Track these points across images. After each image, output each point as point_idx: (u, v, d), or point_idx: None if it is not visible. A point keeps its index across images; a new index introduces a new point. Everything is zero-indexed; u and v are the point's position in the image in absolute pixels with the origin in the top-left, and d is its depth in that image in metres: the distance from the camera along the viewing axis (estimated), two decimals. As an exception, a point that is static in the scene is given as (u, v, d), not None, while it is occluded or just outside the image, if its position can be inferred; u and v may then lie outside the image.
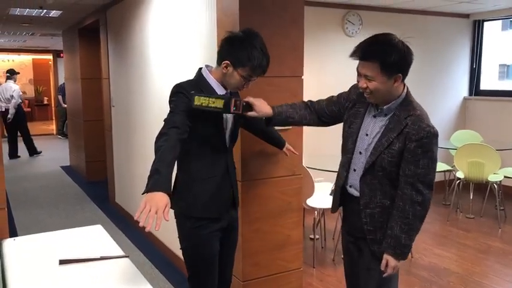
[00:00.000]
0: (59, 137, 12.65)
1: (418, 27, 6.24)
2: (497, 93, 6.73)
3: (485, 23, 6.70)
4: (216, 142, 2.21)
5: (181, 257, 3.87)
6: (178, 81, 2.22)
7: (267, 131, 2.63)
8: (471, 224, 5.15)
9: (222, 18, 2.91)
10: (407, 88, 2.05)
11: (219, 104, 2.08)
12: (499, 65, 10.10)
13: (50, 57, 14.43)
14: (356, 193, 2.13)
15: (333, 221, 4.72)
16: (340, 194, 2.21)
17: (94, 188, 6.82)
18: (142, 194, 1.77)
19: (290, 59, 2.91)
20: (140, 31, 4.49)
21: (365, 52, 1.92)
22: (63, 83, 11.98)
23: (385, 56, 1.88)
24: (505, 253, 4.33)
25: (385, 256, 2.03)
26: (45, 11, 6.06)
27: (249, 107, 2.18)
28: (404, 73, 1.96)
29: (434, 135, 1.94)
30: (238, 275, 2.92)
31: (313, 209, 4.04)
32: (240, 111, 2.14)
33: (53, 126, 14.20)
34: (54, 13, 6.25)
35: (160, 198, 1.71)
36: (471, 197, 5.37)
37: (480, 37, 6.72)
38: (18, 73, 10.37)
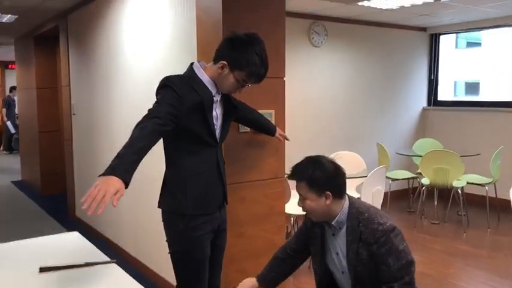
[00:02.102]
0: (4, 152, 11.97)
1: (379, 39, 6.41)
2: (453, 104, 7.03)
3: (441, 37, 6.98)
4: (206, 137, 2.12)
5: (154, 270, 3.73)
6: (153, 86, 2.12)
7: (255, 120, 2.62)
8: (437, 230, 5.26)
9: (202, 17, 2.84)
10: (350, 199, 2.06)
11: None
12: (454, 81, 10.55)
13: (-4, 69, 13.74)
14: None
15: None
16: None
17: (51, 202, 6.46)
18: (99, 176, 1.64)
19: (273, 59, 2.78)
20: (108, 36, 4.33)
21: (295, 172, 2.02)
22: (8, 96, 11.42)
23: (310, 174, 1.96)
24: (473, 255, 4.44)
25: None
26: (-2, 15, 5.75)
27: None
28: (333, 191, 1.97)
29: (389, 230, 1.94)
30: (221, 281, 2.79)
31: (290, 215, 3.98)
32: None
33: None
34: (8, 18, 5.93)
35: (113, 183, 1.59)
36: (435, 203, 5.51)
37: (437, 50, 6.99)
38: None
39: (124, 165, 1.68)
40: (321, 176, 1.96)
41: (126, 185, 1.64)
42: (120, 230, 4.36)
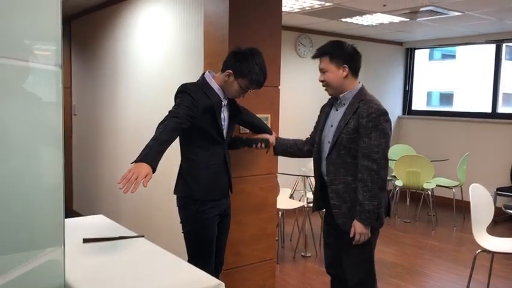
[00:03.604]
0: None
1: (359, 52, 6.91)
2: (426, 113, 7.61)
3: (416, 51, 7.55)
4: (215, 135, 2.54)
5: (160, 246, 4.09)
6: (160, 92, 2.50)
7: (255, 123, 3.01)
8: (408, 227, 5.77)
9: (211, 32, 3.25)
10: (363, 85, 2.51)
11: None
12: (427, 92, 11.18)
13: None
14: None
15: (290, 226, 5.13)
16: (320, 189, 2.59)
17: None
18: (131, 163, 2.04)
19: (269, 70, 3.26)
20: (116, 43, 4.68)
21: (320, 50, 2.47)
22: None
23: (333, 50, 2.43)
24: (439, 249, 4.95)
25: (353, 223, 2.36)
26: None
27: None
28: (351, 66, 2.43)
29: (382, 112, 2.32)
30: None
31: (278, 210, 4.41)
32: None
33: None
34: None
35: (143, 168, 1.99)
36: (408, 204, 6.02)
37: (412, 63, 7.56)
38: None
39: (152, 154, 2.09)
40: (340, 51, 2.41)
41: (154, 170, 2.05)
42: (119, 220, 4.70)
